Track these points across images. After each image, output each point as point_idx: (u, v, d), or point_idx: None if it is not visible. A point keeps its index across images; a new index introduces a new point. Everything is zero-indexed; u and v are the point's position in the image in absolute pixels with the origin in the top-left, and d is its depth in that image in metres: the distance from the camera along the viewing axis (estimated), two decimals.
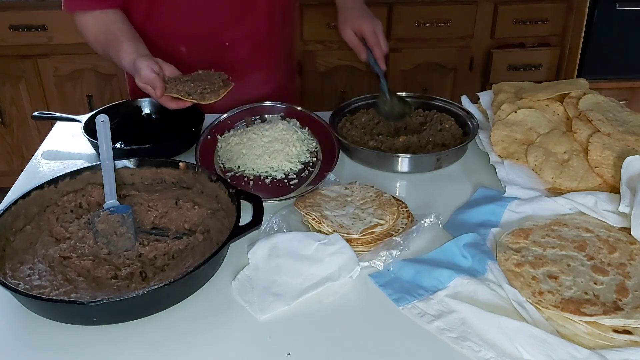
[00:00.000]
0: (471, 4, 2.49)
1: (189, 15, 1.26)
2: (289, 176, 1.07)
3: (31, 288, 0.76)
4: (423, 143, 1.15)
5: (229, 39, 1.31)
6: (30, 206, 0.90)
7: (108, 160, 0.95)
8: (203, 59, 1.22)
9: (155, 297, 0.73)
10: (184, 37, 1.30)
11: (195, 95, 1.06)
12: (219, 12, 1.27)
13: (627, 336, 0.71)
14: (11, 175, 1.73)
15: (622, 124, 1.08)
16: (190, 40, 1.30)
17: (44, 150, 1.20)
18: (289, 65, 1.52)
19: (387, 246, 0.86)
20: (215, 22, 1.28)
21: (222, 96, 1.08)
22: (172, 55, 1.28)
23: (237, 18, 1.30)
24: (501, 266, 0.83)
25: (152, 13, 1.26)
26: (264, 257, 0.84)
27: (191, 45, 1.30)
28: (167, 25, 1.28)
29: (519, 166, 1.06)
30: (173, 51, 1.29)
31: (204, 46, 1.30)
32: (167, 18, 1.27)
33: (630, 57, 2.54)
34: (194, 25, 1.28)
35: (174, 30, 1.29)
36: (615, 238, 0.88)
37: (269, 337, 0.73)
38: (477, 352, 0.70)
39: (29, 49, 2.42)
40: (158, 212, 0.92)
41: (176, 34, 1.29)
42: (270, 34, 1.37)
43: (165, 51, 1.29)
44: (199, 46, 1.30)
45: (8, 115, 2.56)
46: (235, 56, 1.33)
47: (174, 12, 1.26)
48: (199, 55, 1.29)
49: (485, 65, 2.63)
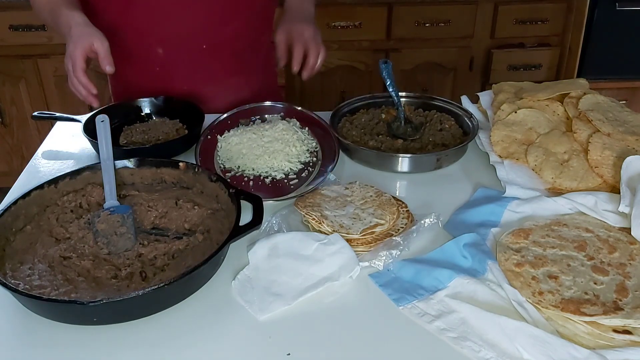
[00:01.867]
0: (471, 4, 2.49)
1: (166, 15, 1.24)
2: (289, 176, 1.07)
3: (31, 288, 0.76)
4: (423, 143, 1.15)
5: (207, 43, 1.28)
6: (30, 206, 0.90)
7: (108, 160, 0.95)
8: (180, 61, 1.21)
9: (155, 297, 0.73)
10: (160, 38, 1.27)
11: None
12: (198, 14, 1.25)
13: (627, 336, 0.71)
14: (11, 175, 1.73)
15: (622, 124, 1.08)
16: (167, 42, 1.27)
17: (44, 150, 1.20)
18: (269, 69, 1.48)
19: (387, 246, 0.86)
20: (193, 25, 1.26)
21: None
22: (148, 56, 1.28)
23: (215, 23, 1.27)
24: (501, 266, 0.83)
25: (129, 9, 1.23)
26: (264, 257, 0.84)
27: (168, 47, 1.28)
28: (144, 24, 1.25)
29: (519, 166, 1.06)
30: (149, 52, 1.28)
31: (182, 48, 1.28)
32: (144, 16, 1.24)
33: (630, 57, 2.54)
34: (171, 26, 1.25)
35: (151, 29, 1.26)
36: (615, 238, 0.88)
37: (269, 337, 0.73)
38: (477, 352, 0.70)
39: (29, 49, 2.42)
40: (158, 212, 0.92)
41: (153, 33, 1.26)
42: (250, 40, 1.35)
43: (142, 51, 1.28)
44: (176, 48, 1.28)
45: (8, 115, 2.56)
46: (213, 60, 1.31)
47: (152, 11, 1.23)
48: (175, 57, 1.27)
49: (485, 65, 2.63)
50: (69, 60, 1.10)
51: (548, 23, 2.55)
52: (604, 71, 2.56)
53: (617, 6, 2.41)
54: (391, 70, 1.25)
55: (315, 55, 1.23)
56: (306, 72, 1.23)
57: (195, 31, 1.27)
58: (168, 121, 1.22)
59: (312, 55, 1.22)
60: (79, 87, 1.12)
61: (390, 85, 1.23)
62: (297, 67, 1.22)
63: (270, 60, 1.44)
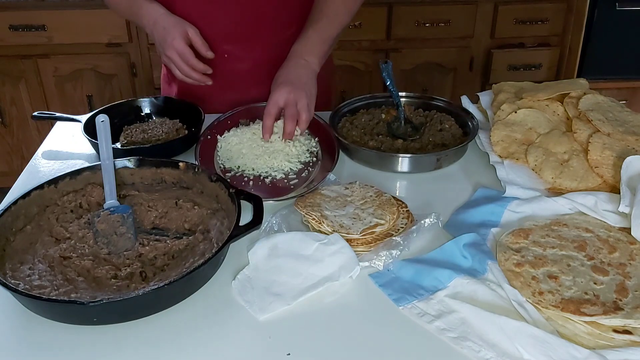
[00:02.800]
0: (471, 4, 2.49)
1: (193, 17, 1.23)
2: (289, 176, 1.07)
3: (31, 288, 0.76)
4: (423, 143, 1.15)
5: (228, 52, 1.29)
6: (30, 206, 0.90)
7: (108, 160, 0.95)
8: (203, 62, 1.21)
9: (155, 297, 0.73)
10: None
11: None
12: (221, 22, 1.25)
13: (627, 336, 0.71)
14: (11, 175, 1.73)
15: (622, 124, 1.08)
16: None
17: (44, 150, 1.20)
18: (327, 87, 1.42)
19: (387, 246, 0.86)
20: (214, 31, 1.25)
21: None
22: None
23: (238, 35, 1.27)
24: (501, 266, 0.83)
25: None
26: (264, 257, 0.84)
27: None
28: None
29: (519, 166, 1.06)
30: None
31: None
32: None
33: (630, 57, 2.54)
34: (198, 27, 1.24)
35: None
36: (615, 238, 0.88)
37: (269, 337, 0.73)
38: (477, 352, 0.70)
39: (29, 49, 2.42)
40: (158, 212, 0.92)
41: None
42: (273, 58, 1.27)
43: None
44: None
45: (8, 115, 2.56)
46: (234, 69, 1.31)
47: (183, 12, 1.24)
48: (200, 58, 1.25)
49: (485, 65, 2.63)
50: (172, 50, 1.16)
51: (548, 23, 2.55)
52: (604, 71, 2.56)
53: (617, 6, 2.41)
54: (391, 70, 1.25)
55: (304, 120, 1.11)
56: (293, 133, 1.11)
57: (217, 38, 1.25)
58: (168, 121, 1.22)
59: (303, 122, 1.11)
60: (192, 74, 1.18)
61: (390, 85, 1.23)
62: (290, 134, 1.10)
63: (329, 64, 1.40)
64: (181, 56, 1.16)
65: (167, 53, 1.17)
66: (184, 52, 1.16)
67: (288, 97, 1.10)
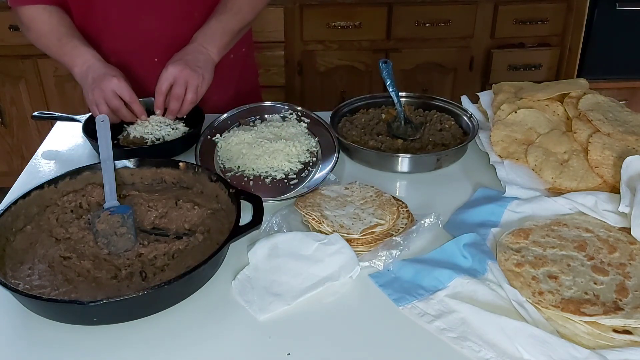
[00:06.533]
0: (471, 4, 2.49)
1: (118, 25, 1.24)
2: (289, 176, 1.07)
3: (31, 288, 0.76)
4: (423, 143, 1.15)
5: (158, 56, 1.25)
6: (30, 206, 0.90)
7: (108, 160, 0.95)
8: (131, 73, 1.20)
9: (155, 297, 0.73)
10: (114, 49, 1.27)
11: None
12: (150, 27, 1.25)
13: (627, 336, 0.72)
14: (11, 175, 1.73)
15: (622, 124, 1.08)
16: (120, 53, 1.27)
17: (44, 150, 1.20)
18: (245, 70, 1.44)
19: (387, 246, 0.86)
20: (140, 40, 1.26)
21: None
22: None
23: (167, 37, 1.26)
24: (501, 266, 0.83)
25: (87, 16, 1.25)
26: (264, 257, 0.84)
27: (121, 58, 1.26)
28: (101, 32, 1.26)
29: (519, 166, 1.06)
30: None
31: (133, 59, 1.28)
32: (99, 24, 1.25)
33: (630, 57, 2.54)
34: (123, 39, 1.26)
35: (104, 40, 1.27)
36: (615, 238, 0.88)
37: (269, 337, 0.73)
38: (477, 352, 0.70)
39: (29, 49, 2.40)
40: (158, 212, 0.92)
41: (106, 43, 1.27)
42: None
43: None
44: (128, 59, 1.27)
45: (8, 115, 2.56)
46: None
47: (105, 20, 1.25)
48: (127, 70, 1.23)
49: (485, 65, 2.63)
50: (103, 104, 1.12)
51: (548, 23, 2.54)
52: (604, 71, 2.56)
53: (617, 6, 2.41)
54: (391, 70, 1.25)
55: (189, 101, 1.14)
56: (178, 111, 1.16)
57: (146, 43, 1.26)
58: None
59: (188, 102, 1.15)
60: (130, 117, 1.16)
61: (390, 85, 1.23)
62: (173, 113, 1.15)
63: (245, 60, 1.43)
64: (114, 112, 1.14)
65: (93, 100, 1.13)
66: (118, 108, 1.13)
67: (179, 75, 1.12)
